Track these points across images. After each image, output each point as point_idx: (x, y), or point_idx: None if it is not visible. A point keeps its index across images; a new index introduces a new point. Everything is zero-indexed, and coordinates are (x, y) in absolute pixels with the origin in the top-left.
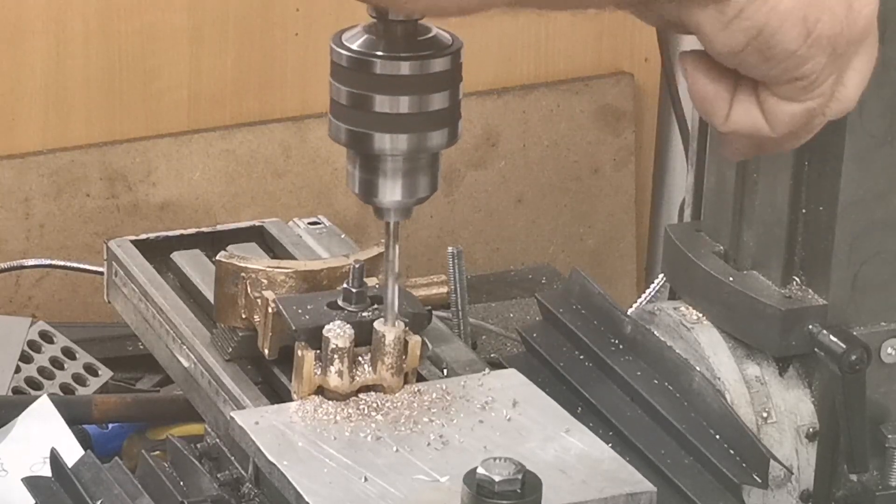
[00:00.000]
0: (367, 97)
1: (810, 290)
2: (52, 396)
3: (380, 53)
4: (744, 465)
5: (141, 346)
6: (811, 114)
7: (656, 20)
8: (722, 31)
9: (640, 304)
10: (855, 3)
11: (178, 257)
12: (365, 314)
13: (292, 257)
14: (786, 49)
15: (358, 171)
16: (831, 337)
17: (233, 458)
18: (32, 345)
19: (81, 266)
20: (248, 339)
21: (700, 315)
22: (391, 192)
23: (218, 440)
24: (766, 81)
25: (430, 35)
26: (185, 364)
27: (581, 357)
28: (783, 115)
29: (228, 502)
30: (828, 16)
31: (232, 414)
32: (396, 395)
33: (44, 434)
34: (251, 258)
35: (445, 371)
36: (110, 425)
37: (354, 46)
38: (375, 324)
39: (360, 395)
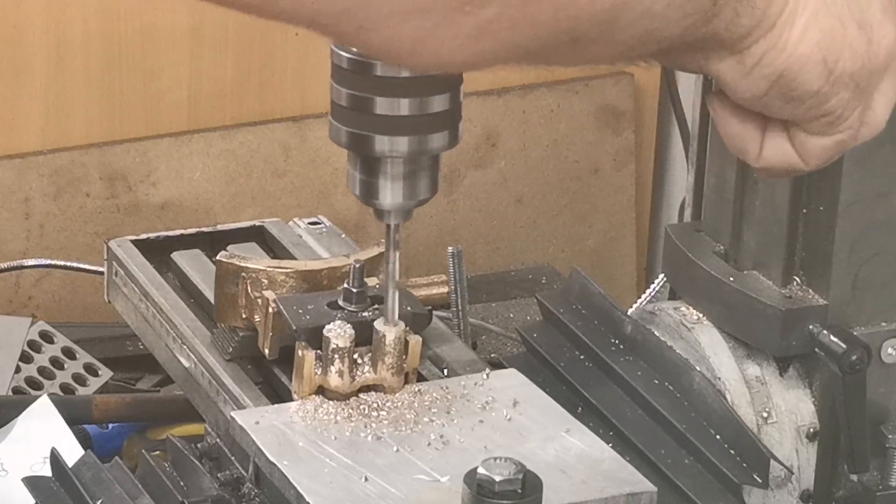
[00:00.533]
0: (368, 99)
1: (810, 290)
2: (52, 396)
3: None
4: (744, 465)
5: (141, 346)
6: (842, 145)
7: (678, 67)
8: (743, 80)
9: (641, 304)
10: (875, 36)
11: (178, 257)
12: (365, 314)
13: (292, 257)
14: (808, 90)
15: (358, 173)
16: (831, 337)
17: (233, 457)
18: (32, 345)
19: (81, 266)
20: (248, 339)
21: (700, 315)
22: (392, 194)
23: (218, 440)
24: (794, 120)
25: None
26: (186, 364)
27: (581, 357)
28: (815, 150)
29: (229, 502)
30: (848, 53)
31: (232, 414)
32: (397, 395)
33: (44, 434)
34: (251, 258)
35: (445, 371)
36: (110, 425)
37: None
38: (376, 324)
39: (361, 395)
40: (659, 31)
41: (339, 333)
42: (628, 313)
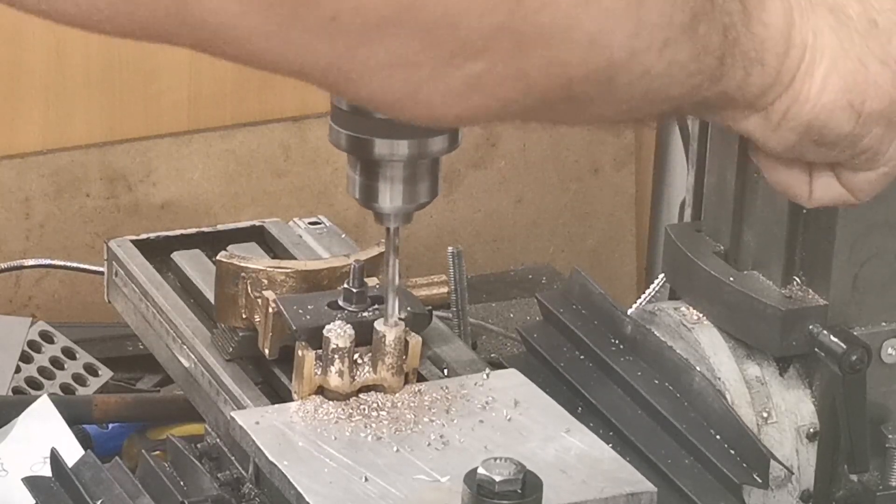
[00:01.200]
0: None
1: (811, 291)
2: (52, 396)
3: None
4: (744, 465)
5: (141, 346)
6: (888, 176)
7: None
8: (773, 135)
9: (641, 304)
10: None
11: (178, 257)
12: (365, 314)
13: (292, 257)
14: (839, 134)
15: (358, 177)
16: (832, 337)
17: (233, 457)
18: (32, 345)
19: (81, 266)
20: (248, 339)
21: (700, 315)
22: (392, 197)
23: (218, 440)
24: (834, 161)
25: None
26: (186, 364)
27: (581, 357)
28: (862, 185)
29: (229, 502)
30: (873, 91)
31: (232, 414)
32: (397, 395)
33: (44, 434)
34: (251, 258)
35: (445, 371)
36: (110, 425)
37: None
38: (376, 324)
39: (361, 395)
40: (663, 91)
41: (339, 333)
42: (628, 313)
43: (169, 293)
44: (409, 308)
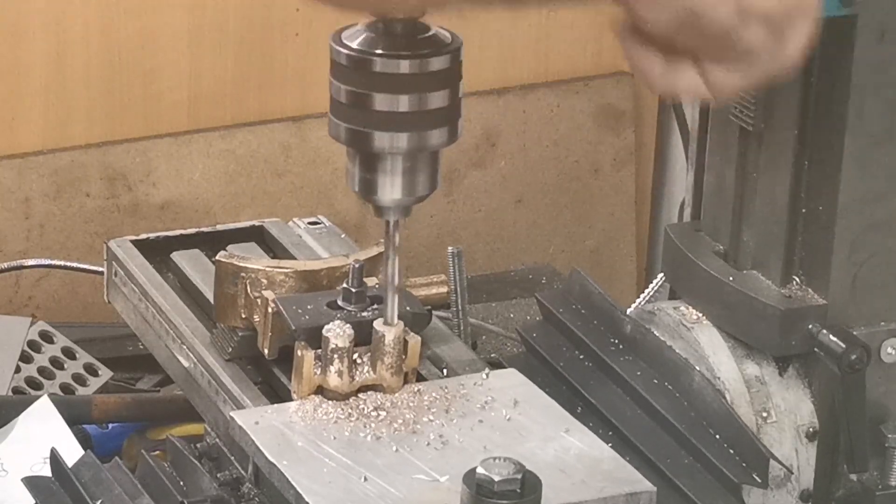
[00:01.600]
0: (367, 96)
1: (810, 290)
2: (52, 396)
3: (379, 52)
4: (744, 464)
5: (141, 346)
6: (751, 79)
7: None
8: (652, 12)
9: (640, 303)
10: None
11: (178, 257)
12: (365, 314)
13: (292, 257)
14: (720, 26)
15: (358, 170)
16: (831, 337)
17: (233, 457)
18: (32, 345)
19: (81, 266)
20: (247, 339)
21: (700, 315)
22: (391, 190)
23: (218, 440)
24: (703, 54)
25: (430, 34)
26: (185, 364)
27: (581, 357)
28: (726, 84)
29: (228, 502)
30: None
31: (232, 414)
32: (396, 395)
33: (44, 434)
34: (251, 258)
35: (445, 371)
36: (110, 425)
37: (354, 45)
38: (375, 324)
39: (360, 395)
40: None
41: (338, 333)
42: (628, 313)
43: (168, 293)
44: (408, 308)
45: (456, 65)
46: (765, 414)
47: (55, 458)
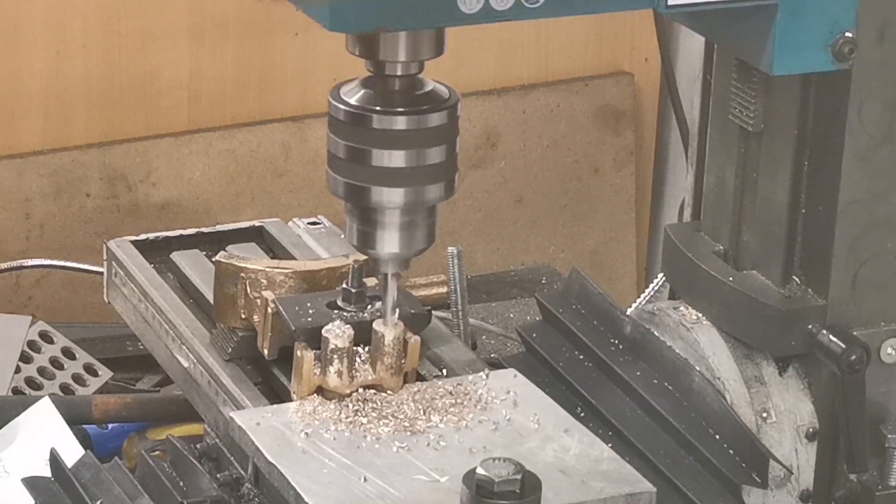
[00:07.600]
0: (365, 151)
1: (810, 290)
2: (52, 396)
3: (377, 108)
4: (743, 465)
5: (141, 346)
6: None
7: None
8: None
9: (640, 304)
10: None
11: (178, 257)
12: (364, 314)
13: (292, 257)
14: None
15: (356, 223)
16: (831, 337)
17: (232, 458)
18: (32, 345)
19: (81, 266)
20: (247, 339)
21: (700, 315)
22: (388, 243)
23: (217, 440)
24: None
25: (427, 89)
26: (185, 364)
27: (581, 357)
28: None
29: (228, 502)
30: None
31: (232, 414)
32: (396, 395)
33: (44, 435)
34: (251, 258)
35: (445, 371)
36: (110, 425)
37: (352, 101)
38: (375, 324)
39: (360, 396)
40: None
41: (337, 334)
42: (628, 313)
43: (168, 293)
44: (408, 308)
45: (453, 120)
46: (765, 414)
47: (55, 459)
